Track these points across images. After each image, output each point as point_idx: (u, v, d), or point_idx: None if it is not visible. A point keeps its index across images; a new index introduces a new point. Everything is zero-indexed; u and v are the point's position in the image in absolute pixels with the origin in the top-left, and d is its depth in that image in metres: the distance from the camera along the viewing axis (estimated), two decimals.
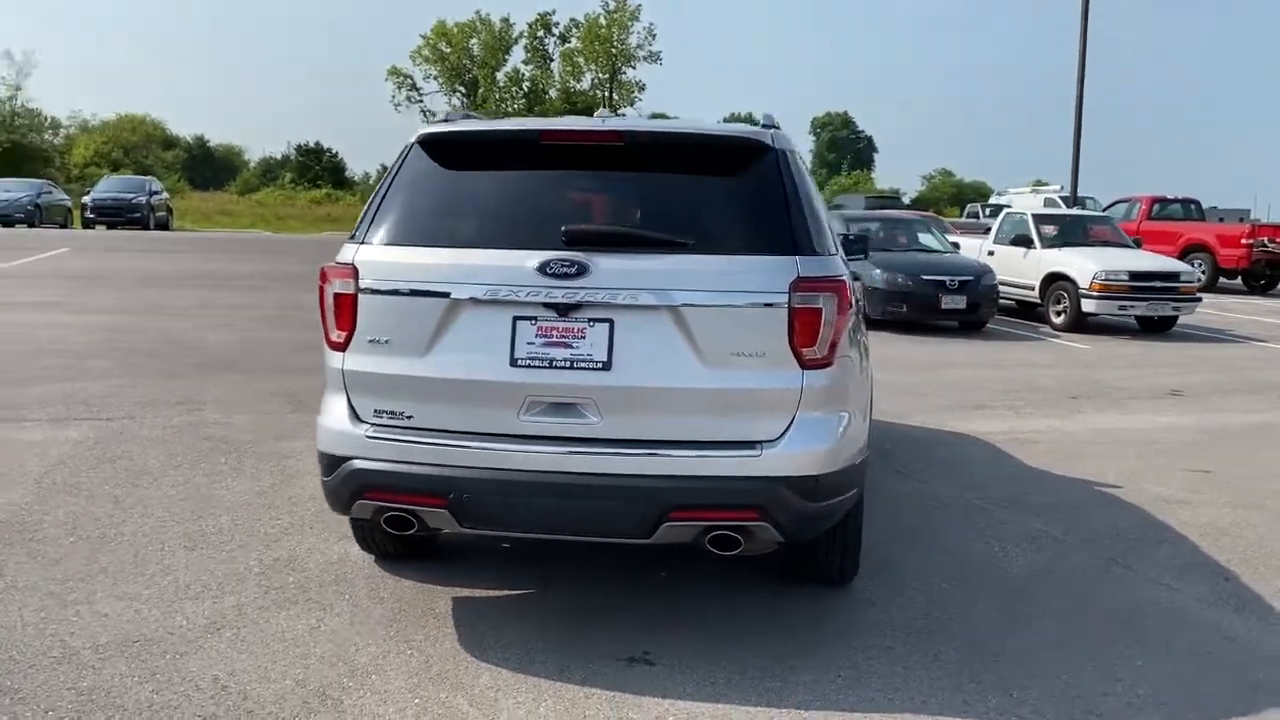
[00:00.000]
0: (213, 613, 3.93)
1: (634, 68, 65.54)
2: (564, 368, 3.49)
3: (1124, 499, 6.00)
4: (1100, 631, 4.07)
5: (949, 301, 13.91)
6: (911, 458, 6.80)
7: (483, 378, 3.53)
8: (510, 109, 62.38)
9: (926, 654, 3.79)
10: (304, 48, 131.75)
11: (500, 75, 64.68)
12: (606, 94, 65.81)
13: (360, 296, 3.65)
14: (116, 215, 31.21)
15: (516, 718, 3.25)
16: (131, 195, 32.07)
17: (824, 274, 3.58)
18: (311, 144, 78.43)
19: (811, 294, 3.52)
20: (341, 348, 3.69)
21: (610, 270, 3.49)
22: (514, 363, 3.50)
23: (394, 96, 64.12)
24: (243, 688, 3.36)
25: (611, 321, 3.50)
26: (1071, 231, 16.25)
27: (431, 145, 3.88)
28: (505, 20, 65.69)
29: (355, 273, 3.66)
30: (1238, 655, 3.91)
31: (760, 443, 3.49)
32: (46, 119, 60.63)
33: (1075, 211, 21.78)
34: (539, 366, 3.50)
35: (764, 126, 3.97)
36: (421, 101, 64.27)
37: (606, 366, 3.48)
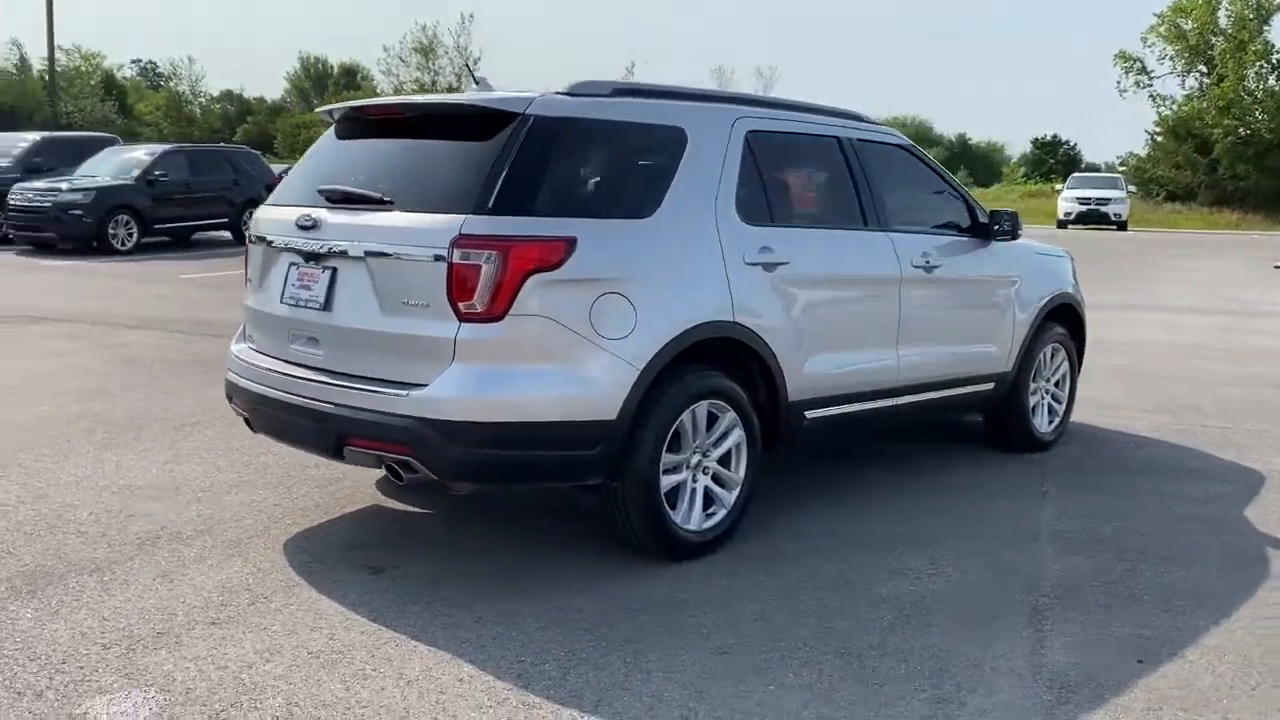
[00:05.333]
0: (209, 485, 5.20)
1: None
2: (302, 306, 4.14)
3: None
4: (798, 664, 3.43)
5: None
6: (1120, 487, 5.62)
7: (268, 311, 4.34)
8: (1254, 88, 54.60)
9: (596, 634, 3.63)
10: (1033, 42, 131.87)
11: (1250, 50, 56.72)
12: None
13: (249, 244, 4.66)
14: None
15: (214, 577, 4.04)
16: None
17: (491, 233, 3.67)
18: (1049, 136, 77.59)
19: (472, 250, 3.66)
20: (246, 283, 4.74)
21: (332, 224, 4.05)
22: (282, 300, 4.24)
23: (1119, 81, 59.82)
24: (105, 529, 4.53)
25: (335, 269, 4.04)
26: None
27: (336, 122, 4.70)
28: None
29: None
30: None
31: (412, 385, 3.75)
32: None
33: None
34: (292, 305, 4.19)
35: (560, 93, 4.07)
36: (1151, 85, 59.22)
37: (325, 307, 4.05)
